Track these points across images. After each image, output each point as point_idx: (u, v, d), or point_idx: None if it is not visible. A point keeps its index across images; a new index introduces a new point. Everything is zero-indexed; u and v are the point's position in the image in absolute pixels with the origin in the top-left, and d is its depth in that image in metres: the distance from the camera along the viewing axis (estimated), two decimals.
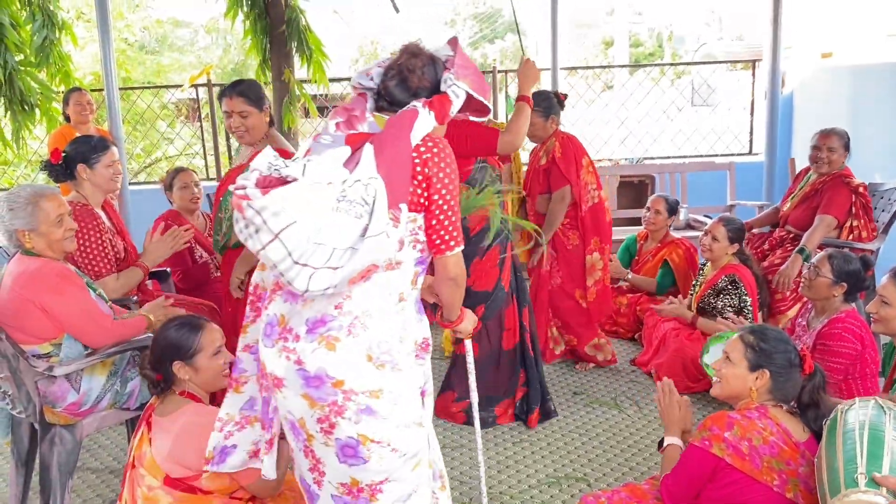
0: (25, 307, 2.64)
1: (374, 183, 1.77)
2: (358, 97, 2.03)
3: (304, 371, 1.84)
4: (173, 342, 2.33)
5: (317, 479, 1.95)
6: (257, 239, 1.69)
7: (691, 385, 3.93)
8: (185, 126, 10.42)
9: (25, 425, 2.92)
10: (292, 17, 6.19)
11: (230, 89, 3.21)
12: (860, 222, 4.17)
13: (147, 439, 2.28)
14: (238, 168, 3.27)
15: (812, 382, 2.26)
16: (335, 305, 1.85)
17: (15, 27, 6.11)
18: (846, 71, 6.35)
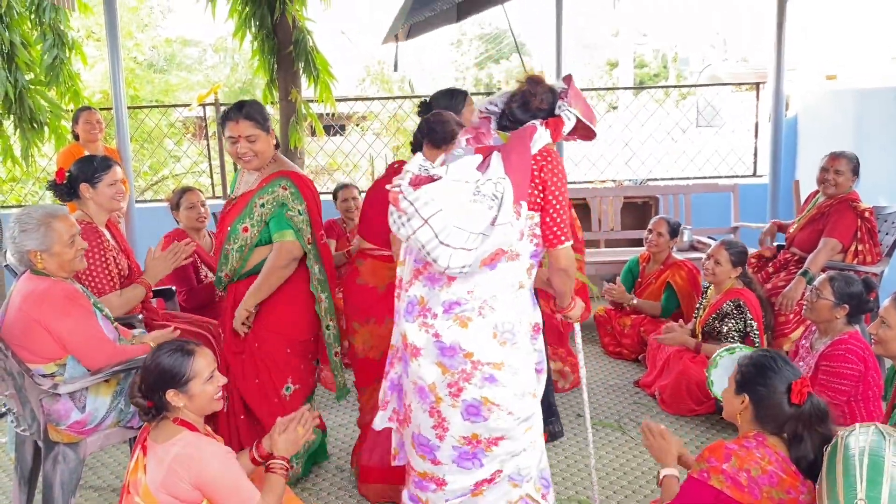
0: (32, 327, 2.66)
1: (502, 182, 2.19)
2: (483, 119, 2.47)
3: (441, 343, 2.28)
4: (166, 370, 2.25)
5: (439, 434, 2.35)
6: (409, 225, 2.15)
7: (695, 408, 3.92)
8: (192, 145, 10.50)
9: (29, 443, 2.93)
10: (300, 37, 6.26)
11: (235, 112, 2.99)
12: (865, 247, 4.17)
13: (142, 465, 2.26)
14: (244, 197, 3.08)
15: (799, 413, 2.18)
16: (468, 290, 2.27)
17: (26, 46, 6.20)
18: (850, 94, 6.38)
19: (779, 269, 4.44)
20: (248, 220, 3.01)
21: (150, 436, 2.30)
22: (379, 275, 3.09)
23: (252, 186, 3.07)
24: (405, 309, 2.37)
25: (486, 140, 2.40)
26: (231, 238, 3.05)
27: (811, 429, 2.19)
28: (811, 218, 4.36)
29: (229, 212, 3.12)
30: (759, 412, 2.24)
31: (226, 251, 3.08)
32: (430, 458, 2.37)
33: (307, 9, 6.35)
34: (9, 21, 6.00)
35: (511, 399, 2.32)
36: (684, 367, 4.00)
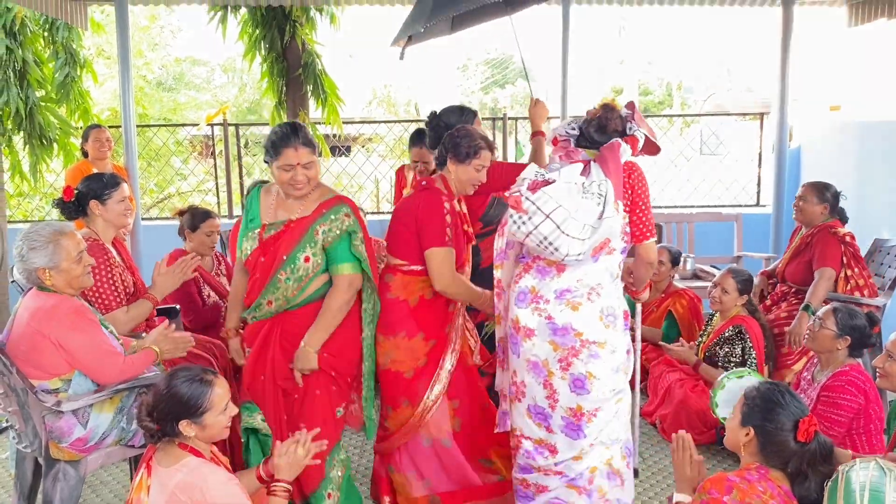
0: (39, 342, 2.67)
1: (605, 183, 2.64)
2: (563, 140, 2.88)
3: (554, 324, 2.70)
4: (184, 399, 2.21)
5: (551, 404, 2.75)
6: (531, 222, 2.58)
7: (696, 437, 3.88)
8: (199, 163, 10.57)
9: (30, 460, 2.93)
10: (309, 61, 6.35)
11: (293, 138, 2.77)
12: (854, 271, 4.18)
13: (146, 486, 2.25)
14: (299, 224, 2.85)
15: (805, 451, 2.18)
16: (577, 279, 2.70)
17: (38, 64, 6.29)
18: (854, 126, 6.42)
19: (777, 301, 4.45)
20: (310, 249, 2.83)
21: (154, 457, 2.29)
22: (410, 289, 3.06)
23: (307, 213, 2.86)
24: (516, 298, 2.79)
25: (577, 157, 2.79)
26: (288, 267, 2.83)
27: (815, 467, 2.18)
28: (796, 250, 4.40)
29: (276, 239, 2.87)
30: (764, 447, 2.23)
31: (277, 280, 2.84)
32: (545, 425, 2.79)
33: (317, 33, 6.45)
34: (22, 39, 6.10)
35: (609, 374, 2.72)
36: (685, 397, 4.00)
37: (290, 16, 6.30)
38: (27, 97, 6.16)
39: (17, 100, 6.05)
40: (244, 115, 14.67)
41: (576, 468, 2.76)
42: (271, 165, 2.83)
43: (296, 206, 2.88)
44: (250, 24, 6.41)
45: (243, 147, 7.56)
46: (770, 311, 4.39)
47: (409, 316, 3.05)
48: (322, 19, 6.46)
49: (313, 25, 6.44)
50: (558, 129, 2.92)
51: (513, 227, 2.64)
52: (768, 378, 3.53)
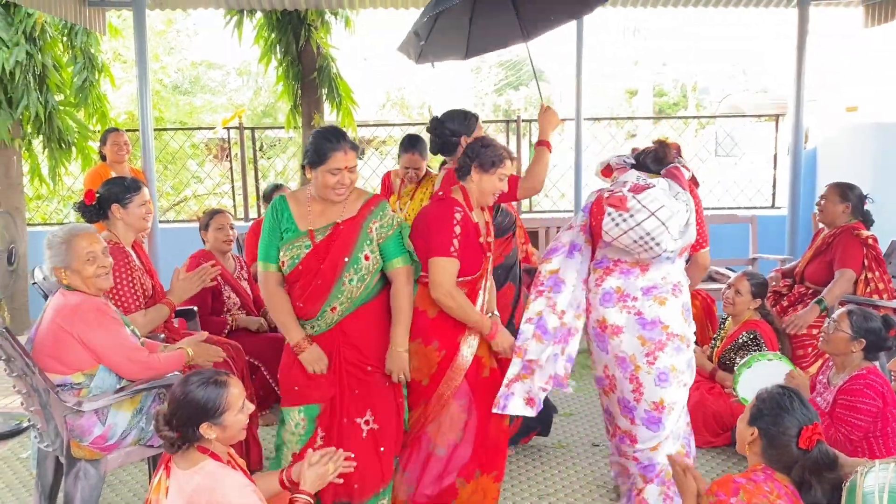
0: (65, 338, 2.73)
1: (686, 194, 2.99)
2: (620, 167, 3.22)
3: (643, 319, 2.96)
4: (201, 403, 2.21)
5: (636, 397, 3.00)
6: (633, 219, 2.83)
7: (712, 440, 3.90)
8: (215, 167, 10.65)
9: (51, 459, 2.98)
10: (324, 64, 6.39)
11: (342, 142, 2.79)
12: (874, 274, 4.17)
13: (164, 488, 2.26)
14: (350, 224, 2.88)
15: (807, 459, 2.19)
16: (662, 277, 2.99)
17: (57, 68, 6.37)
18: (871, 127, 6.38)
19: (794, 302, 4.43)
20: (368, 248, 2.89)
21: (173, 459, 2.30)
22: (429, 300, 3.04)
23: (353, 213, 2.90)
24: (601, 298, 3.03)
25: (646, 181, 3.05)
26: (352, 268, 2.86)
27: (819, 475, 2.18)
28: (817, 249, 4.39)
29: (329, 243, 2.88)
30: (767, 449, 2.25)
31: (342, 283, 2.86)
32: (630, 417, 3.05)
33: (331, 36, 6.49)
34: (42, 44, 6.17)
35: (686, 368, 3.02)
36: (701, 398, 3.99)
37: (306, 20, 6.35)
38: (46, 101, 6.24)
39: (37, 104, 6.13)
40: (259, 118, 14.74)
41: (652, 458, 3.06)
42: (314, 170, 2.82)
43: (336, 210, 2.89)
44: (266, 28, 6.46)
45: (258, 150, 7.59)
46: (786, 313, 4.38)
47: (429, 326, 3.04)
48: (337, 23, 6.51)
49: (328, 29, 6.49)
50: (612, 160, 3.29)
51: (610, 224, 2.88)
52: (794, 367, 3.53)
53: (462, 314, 2.97)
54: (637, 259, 2.99)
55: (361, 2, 5.85)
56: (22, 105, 6.06)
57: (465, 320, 2.98)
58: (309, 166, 2.84)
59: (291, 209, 2.92)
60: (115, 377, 2.82)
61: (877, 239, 4.24)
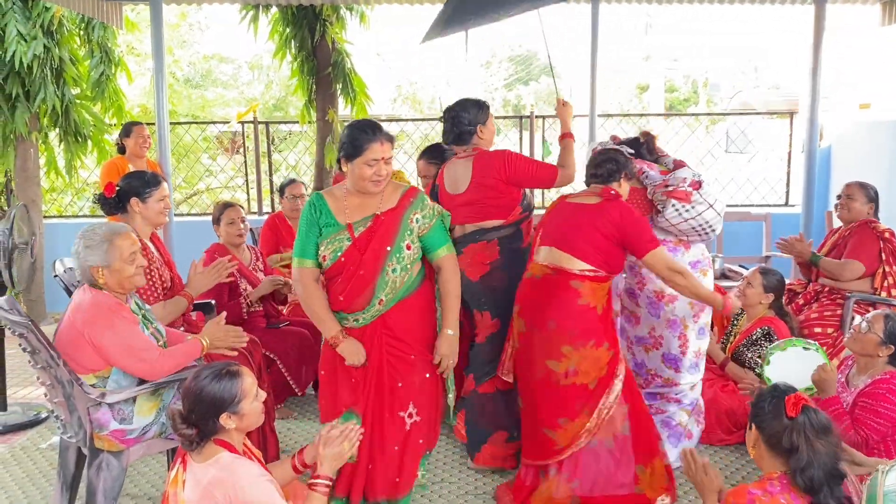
0: (77, 339, 2.75)
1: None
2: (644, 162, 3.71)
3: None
4: (217, 395, 2.24)
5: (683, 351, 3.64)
6: (694, 210, 3.44)
7: (725, 437, 3.91)
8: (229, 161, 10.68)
9: (72, 450, 3.01)
10: (338, 59, 6.41)
11: (379, 133, 2.85)
12: (892, 268, 4.18)
13: (181, 481, 2.28)
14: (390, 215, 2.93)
15: (794, 425, 2.18)
16: (702, 253, 3.65)
17: (74, 62, 6.41)
18: (885, 125, 6.36)
19: (810, 300, 4.43)
20: (409, 237, 2.93)
21: (189, 452, 2.32)
22: (597, 295, 3.11)
23: (392, 205, 2.95)
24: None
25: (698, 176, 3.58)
26: (394, 257, 2.90)
27: (808, 440, 2.16)
28: (833, 244, 4.41)
29: (370, 234, 2.92)
30: (769, 441, 2.24)
31: (385, 273, 2.90)
32: (674, 367, 3.62)
33: (346, 32, 6.50)
34: (59, 38, 6.21)
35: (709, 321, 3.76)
36: (714, 396, 3.99)
37: (321, 15, 6.36)
38: (63, 95, 6.28)
39: (54, 97, 6.17)
40: (270, 112, 14.76)
41: (691, 395, 3.71)
42: (351, 162, 2.85)
43: (374, 202, 2.94)
44: (281, 23, 6.48)
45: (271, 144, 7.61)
46: (802, 311, 4.38)
47: (598, 323, 3.11)
48: (352, 18, 6.52)
49: (343, 25, 6.50)
50: (594, 145, 3.72)
51: (673, 213, 3.45)
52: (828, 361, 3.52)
53: (694, 290, 3.24)
54: (680, 239, 3.57)
55: None
56: (39, 98, 6.11)
57: (697, 296, 3.27)
58: (345, 159, 2.87)
59: (329, 205, 2.96)
60: (128, 378, 2.82)
61: (894, 233, 4.25)
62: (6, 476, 3.67)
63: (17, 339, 2.79)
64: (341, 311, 2.97)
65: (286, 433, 4.08)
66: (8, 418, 4.29)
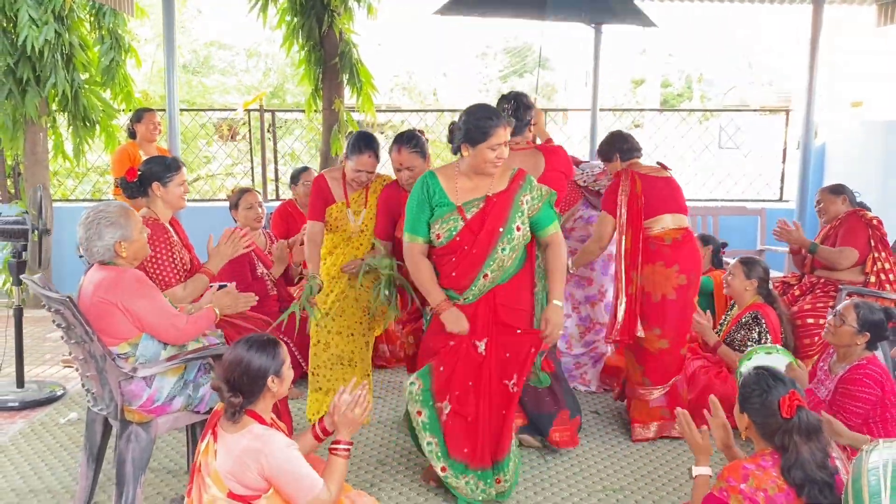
0: (108, 309, 2.88)
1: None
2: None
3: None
4: (265, 360, 2.40)
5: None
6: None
7: None
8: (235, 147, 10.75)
9: (99, 422, 3.14)
10: (345, 50, 6.50)
11: (501, 118, 3.08)
12: (881, 255, 4.38)
13: (213, 451, 2.41)
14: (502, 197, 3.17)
15: (787, 426, 2.32)
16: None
17: (84, 48, 6.47)
18: (880, 125, 6.51)
19: (805, 292, 4.58)
20: (519, 219, 3.15)
21: (220, 423, 2.45)
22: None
23: (502, 187, 3.14)
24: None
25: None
26: (505, 237, 3.11)
27: (798, 438, 2.31)
28: (825, 235, 4.58)
29: (483, 215, 3.12)
30: (761, 430, 2.39)
31: (496, 252, 3.11)
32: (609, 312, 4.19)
33: (354, 23, 6.59)
34: (70, 24, 6.28)
35: None
36: (709, 383, 4.13)
37: (329, 6, 6.45)
38: (73, 80, 6.35)
39: (64, 82, 6.24)
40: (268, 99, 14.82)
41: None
42: (474, 147, 3.03)
43: (485, 184, 3.15)
44: (289, 12, 6.56)
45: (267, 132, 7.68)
46: (797, 302, 4.54)
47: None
48: (360, 9, 6.61)
49: (350, 15, 6.59)
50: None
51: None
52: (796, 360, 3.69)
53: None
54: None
55: None
56: (49, 83, 6.18)
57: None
58: (469, 143, 3.05)
59: (442, 184, 3.17)
60: (157, 344, 2.97)
61: (881, 221, 4.43)
62: (28, 449, 3.80)
63: (52, 316, 2.91)
64: (451, 290, 3.19)
65: (297, 412, 4.21)
66: (25, 395, 4.41)
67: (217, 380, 2.43)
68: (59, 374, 4.94)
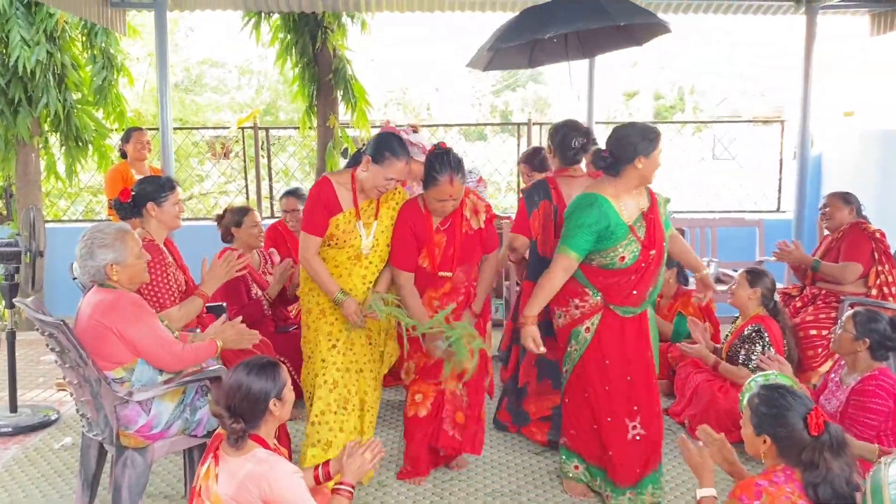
0: (104, 334, 2.83)
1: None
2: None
3: None
4: (266, 384, 2.35)
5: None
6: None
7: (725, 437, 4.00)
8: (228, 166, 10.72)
9: (94, 448, 3.08)
10: (339, 66, 6.49)
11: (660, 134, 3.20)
12: (884, 267, 4.33)
13: (214, 475, 2.35)
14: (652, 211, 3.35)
15: (817, 443, 2.27)
16: None
17: (76, 68, 6.44)
18: (876, 134, 6.51)
19: (807, 304, 4.55)
20: (668, 231, 3.35)
21: (222, 447, 2.39)
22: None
23: (650, 201, 3.23)
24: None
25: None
26: (665, 251, 3.29)
27: (828, 455, 2.26)
28: (827, 248, 4.54)
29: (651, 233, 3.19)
30: (783, 450, 2.32)
31: (662, 268, 3.31)
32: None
33: (347, 39, 6.59)
34: (62, 44, 6.25)
35: None
36: (713, 397, 4.10)
37: (322, 22, 6.44)
38: (65, 100, 6.32)
39: (56, 102, 6.20)
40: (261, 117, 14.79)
41: None
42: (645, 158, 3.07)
43: (635, 199, 3.20)
44: (283, 29, 6.55)
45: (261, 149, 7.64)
46: (799, 313, 4.50)
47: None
48: (353, 26, 6.61)
49: (344, 32, 6.58)
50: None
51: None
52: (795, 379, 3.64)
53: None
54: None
55: (378, 4, 5.96)
56: (41, 103, 6.14)
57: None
58: (642, 155, 3.06)
59: (615, 207, 3.13)
60: (153, 370, 2.92)
61: (884, 234, 4.39)
62: (22, 476, 3.72)
63: (46, 340, 2.85)
64: (629, 307, 3.21)
65: (295, 434, 4.14)
66: (19, 420, 4.33)
67: (217, 406, 2.37)
68: (53, 397, 4.86)
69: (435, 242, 3.43)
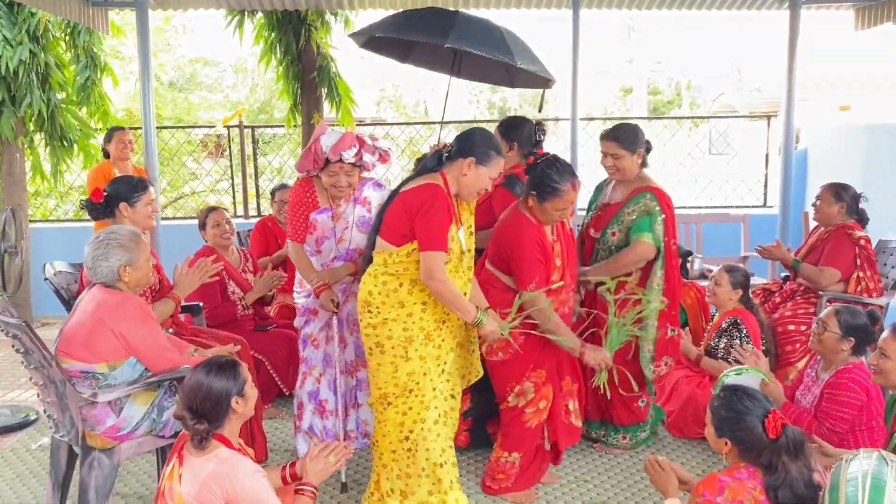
0: (100, 330, 2.82)
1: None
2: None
3: None
4: (226, 383, 2.35)
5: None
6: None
7: (701, 432, 3.93)
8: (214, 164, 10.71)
9: (64, 449, 3.07)
10: (323, 64, 6.48)
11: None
12: (866, 274, 4.28)
13: (178, 475, 2.35)
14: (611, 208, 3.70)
15: (775, 446, 2.28)
16: None
17: (60, 67, 6.43)
18: (861, 129, 6.50)
19: (786, 299, 4.54)
20: (617, 227, 3.63)
21: (186, 446, 2.40)
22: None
23: (619, 199, 3.68)
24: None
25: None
26: (601, 241, 3.69)
27: (786, 457, 2.27)
28: (811, 246, 4.50)
29: (598, 220, 3.73)
30: (744, 452, 2.34)
31: (596, 251, 3.72)
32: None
33: (331, 36, 6.58)
34: (45, 43, 6.24)
35: None
36: (692, 393, 4.11)
37: (306, 20, 6.43)
38: (49, 100, 6.31)
39: (40, 102, 6.20)
40: (255, 115, 14.79)
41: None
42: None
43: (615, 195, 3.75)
44: (266, 27, 6.54)
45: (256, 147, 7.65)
46: (777, 309, 4.49)
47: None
48: (337, 23, 6.60)
49: (328, 29, 6.57)
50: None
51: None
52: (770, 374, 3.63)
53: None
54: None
55: (361, 2, 5.95)
56: (25, 103, 6.14)
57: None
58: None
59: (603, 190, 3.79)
60: (132, 371, 2.90)
61: (870, 240, 4.34)
62: None
63: (10, 341, 2.84)
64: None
65: (273, 432, 4.14)
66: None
67: (180, 409, 2.37)
68: (34, 398, 4.86)
69: (556, 253, 3.26)
